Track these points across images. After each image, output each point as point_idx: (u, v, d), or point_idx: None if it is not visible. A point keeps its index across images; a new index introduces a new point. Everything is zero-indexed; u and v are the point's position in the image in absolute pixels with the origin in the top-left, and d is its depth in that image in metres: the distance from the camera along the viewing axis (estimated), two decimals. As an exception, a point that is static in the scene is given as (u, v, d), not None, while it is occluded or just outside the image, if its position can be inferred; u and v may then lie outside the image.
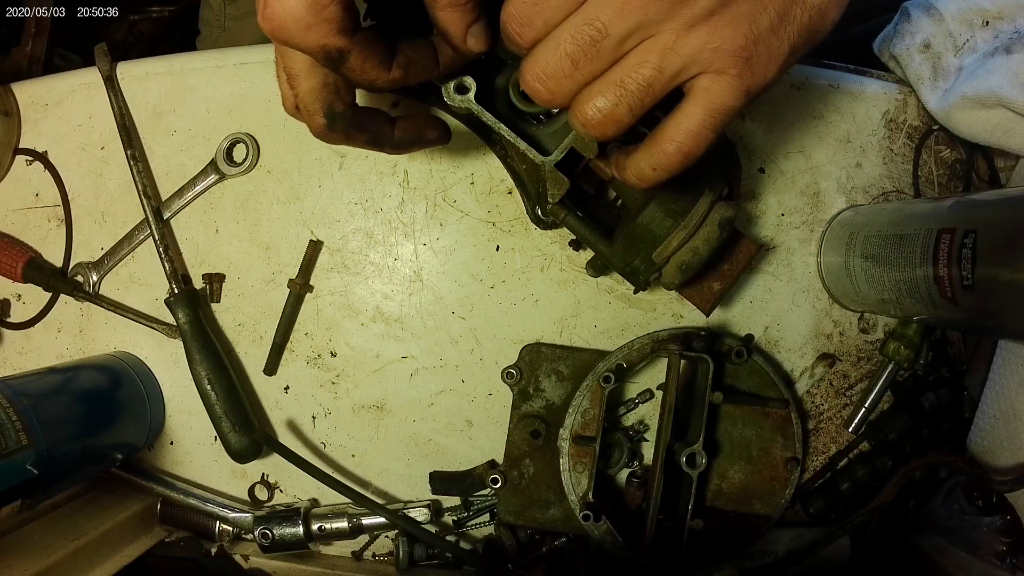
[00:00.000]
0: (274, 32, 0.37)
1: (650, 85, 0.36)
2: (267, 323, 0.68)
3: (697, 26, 0.35)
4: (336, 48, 0.37)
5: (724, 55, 0.35)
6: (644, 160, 0.40)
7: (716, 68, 0.36)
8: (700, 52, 0.35)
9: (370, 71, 0.39)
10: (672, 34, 0.35)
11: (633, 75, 0.36)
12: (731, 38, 0.35)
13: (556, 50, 0.35)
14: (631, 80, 0.36)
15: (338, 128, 0.44)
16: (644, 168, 0.40)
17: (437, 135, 0.49)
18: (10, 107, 0.72)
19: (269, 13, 0.36)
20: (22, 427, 0.54)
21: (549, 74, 0.36)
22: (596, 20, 0.34)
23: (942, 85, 0.61)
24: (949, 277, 0.47)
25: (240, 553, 0.68)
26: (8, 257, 0.70)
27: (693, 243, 0.49)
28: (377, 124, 0.46)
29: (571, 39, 0.35)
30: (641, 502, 0.63)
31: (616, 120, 0.37)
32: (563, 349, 0.64)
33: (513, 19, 0.36)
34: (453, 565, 0.67)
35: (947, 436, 0.62)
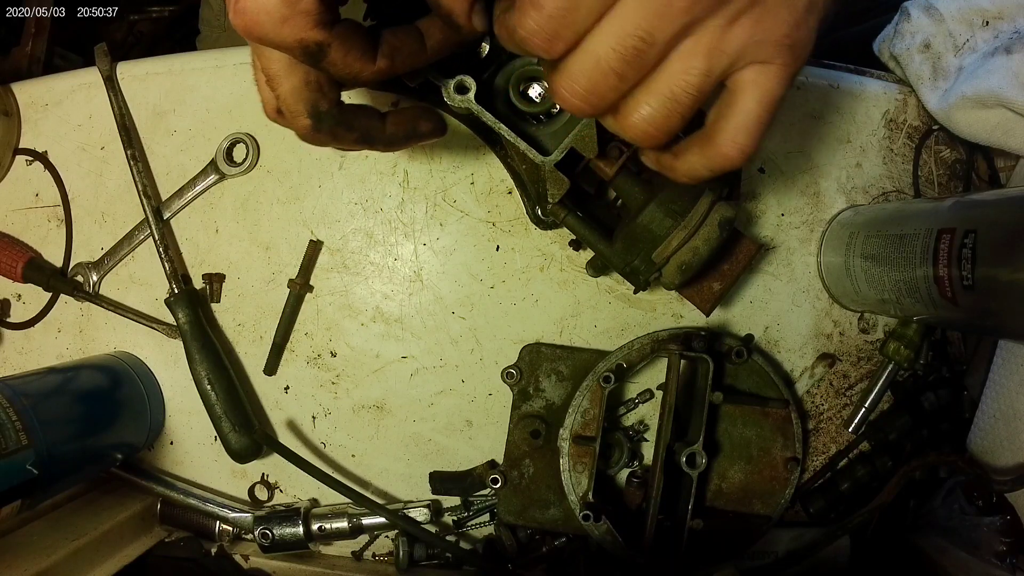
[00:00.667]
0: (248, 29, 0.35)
1: (700, 90, 0.34)
2: (267, 323, 0.68)
3: (740, 19, 0.33)
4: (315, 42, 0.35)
5: (770, 46, 0.34)
6: (699, 161, 0.38)
7: (762, 59, 0.34)
8: (746, 46, 0.33)
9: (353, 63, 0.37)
10: (716, 31, 0.33)
11: (682, 83, 0.33)
12: (774, 27, 0.33)
13: (598, 65, 0.32)
14: (680, 90, 0.33)
15: (325, 128, 0.41)
16: (699, 169, 0.38)
17: (431, 127, 0.46)
18: (10, 107, 0.72)
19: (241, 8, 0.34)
20: (22, 427, 0.54)
21: (591, 90, 0.33)
22: (639, 29, 0.31)
23: (942, 85, 0.61)
24: (949, 277, 0.47)
25: (240, 553, 0.68)
26: (8, 257, 0.70)
27: (693, 243, 0.49)
28: (366, 120, 0.43)
29: (614, 52, 0.32)
30: (641, 502, 0.63)
31: (668, 130, 0.35)
32: (563, 349, 0.64)
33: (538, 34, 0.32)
34: (453, 565, 0.67)
35: (947, 436, 0.62)
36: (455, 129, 0.65)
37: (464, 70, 0.45)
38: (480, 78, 0.50)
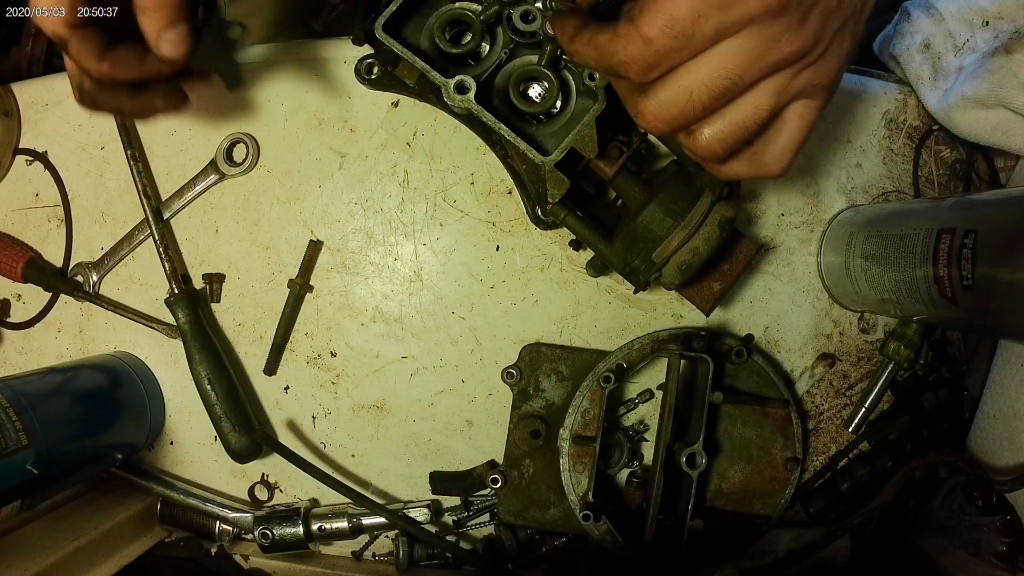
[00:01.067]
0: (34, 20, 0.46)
1: (764, 122, 0.39)
2: (267, 323, 0.68)
3: (807, 68, 0.38)
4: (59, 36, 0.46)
5: (820, 88, 0.39)
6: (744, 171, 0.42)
7: (809, 95, 0.39)
8: (805, 88, 0.38)
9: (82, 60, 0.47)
10: (788, 78, 0.37)
11: (753, 116, 0.38)
12: (828, 73, 0.38)
13: (689, 98, 0.37)
14: (751, 121, 0.38)
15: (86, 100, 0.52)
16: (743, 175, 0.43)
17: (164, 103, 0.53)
18: (10, 107, 0.72)
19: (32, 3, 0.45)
20: (22, 427, 0.54)
21: (676, 116, 0.38)
22: (733, 73, 0.36)
23: (942, 85, 0.61)
24: (949, 277, 0.47)
25: (240, 553, 0.68)
26: (8, 257, 0.70)
27: (693, 243, 0.49)
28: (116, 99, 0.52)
29: (707, 89, 0.36)
30: (641, 502, 0.63)
31: (731, 149, 0.40)
32: (563, 349, 0.64)
33: (639, 62, 0.36)
34: (453, 565, 0.67)
35: (947, 436, 0.62)
36: (455, 129, 0.65)
37: (464, 70, 0.45)
38: (480, 78, 0.50)
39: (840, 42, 0.38)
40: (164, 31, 0.45)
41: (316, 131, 0.67)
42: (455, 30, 0.53)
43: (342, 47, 0.66)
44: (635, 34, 0.35)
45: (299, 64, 0.67)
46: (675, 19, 0.34)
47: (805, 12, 0.35)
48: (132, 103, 0.53)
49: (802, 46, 0.36)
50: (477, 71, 0.53)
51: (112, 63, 0.48)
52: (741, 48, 0.35)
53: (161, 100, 0.54)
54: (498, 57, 0.53)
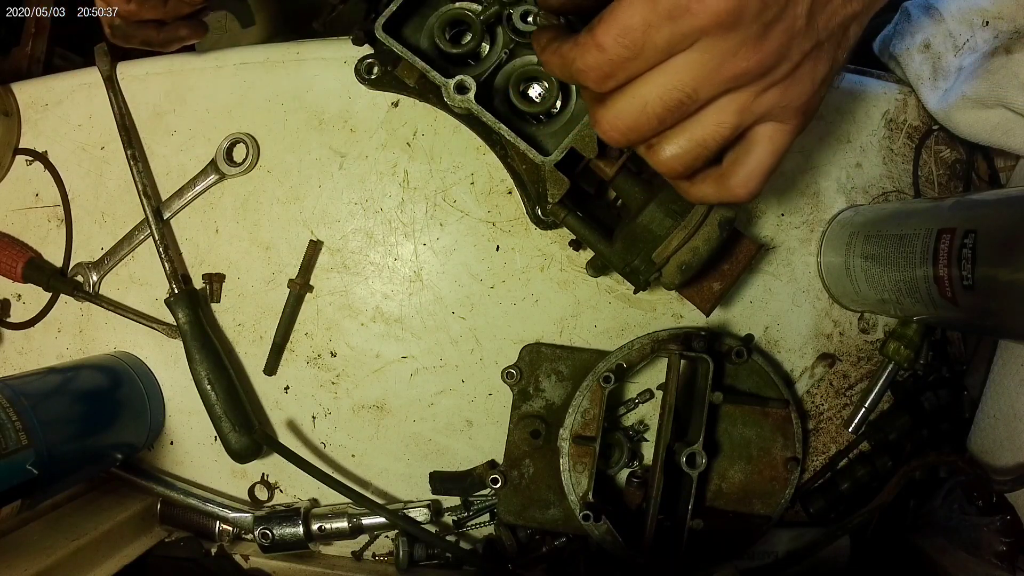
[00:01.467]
0: None
1: (726, 140, 0.39)
2: (267, 323, 0.68)
3: (772, 88, 0.37)
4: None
5: (790, 110, 0.38)
6: (712, 192, 0.43)
7: (780, 119, 0.39)
8: (772, 109, 0.38)
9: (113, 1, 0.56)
10: (751, 95, 0.37)
11: (712, 133, 0.38)
12: (798, 95, 0.38)
13: (644, 109, 0.37)
14: (711, 138, 0.38)
15: (117, 35, 0.60)
16: (710, 198, 0.43)
17: (188, 31, 0.62)
18: (10, 107, 0.72)
19: None
20: (22, 427, 0.54)
21: (631, 127, 0.38)
22: (686, 86, 0.36)
23: (942, 85, 0.61)
24: (949, 277, 0.47)
25: (240, 553, 0.68)
26: (8, 257, 0.70)
27: (693, 243, 0.49)
28: (144, 32, 0.60)
29: (660, 101, 0.36)
30: (641, 502, 0.63)
31: (692, 168, 0.40)
32: (563, 349, 0.64)
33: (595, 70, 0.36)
34: (453, 565, 0.67)
35: (947, 436, 0.62)
36: (455, 129, 0.65)
37: (464, 70, 0.45)
38: (480, 78, 0.50)
39: (813, 64, 0.37)
40: None
41: (316, 131, 0.67)
42: (455, 30, 0.53)
43: (342, 47, 0.66)
44: (591, 43, 0.36)
45: (299, 64, 0.67)
46: (627, 28, 0.34)
47: (764, 28, 0.34)
48: (159, 35, 0.61)
49: (760, 62, 0.35)
50: (477, 71, 0.53)
51: (139, 4, 0.56)
52: (694, 61, 0.35)
53: (185, 29, 0.61)
54: (498, 57, 0.53)
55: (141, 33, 0.60)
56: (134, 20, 0.59)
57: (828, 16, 0.36)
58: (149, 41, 0.61)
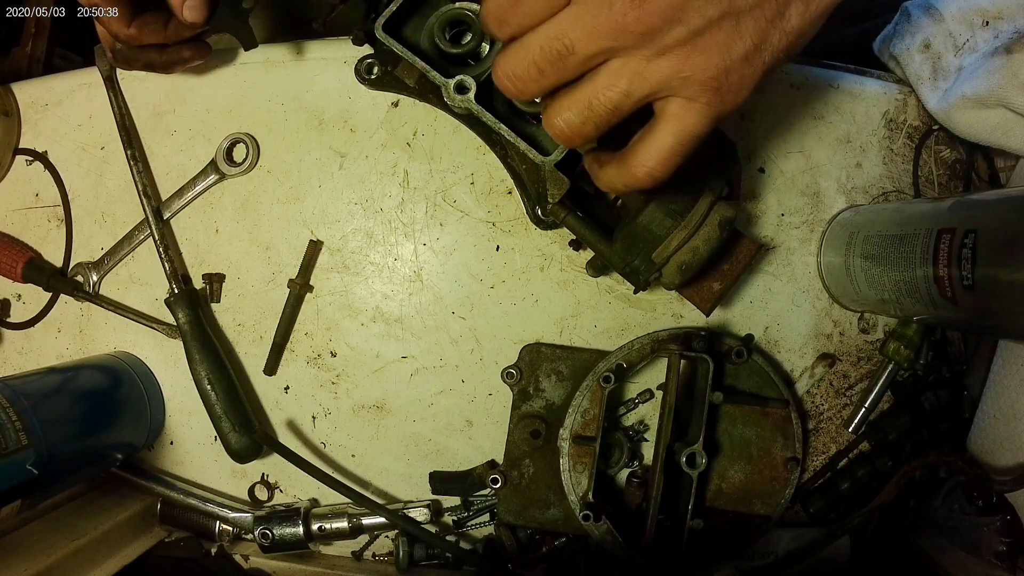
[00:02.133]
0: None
1: (617, 107, 0.37)
2: (267, 323, 0.68)
3: (668, 54, 0.35)
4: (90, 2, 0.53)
5: (694, 84, 0.36)
6: (616, 176, 0.42)
7: (686, 95, 0.37)
8: (670, 79, 0.36)
9: (113, 24, 0.55)
10: (642, 60, 0.36)
11: (600, 97, 0.37)
12: (702, 68, 0.35)
13: (526, 56, 0.37)
14: (598, 103, 0.37)
15: (119, 59, 0.60)
16: (615, 182, 0.42)
17: (191, 53, 0.61)
18: (10, 107, 0.72)
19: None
20: (22, 427, 0.54)
21: (517, 75, 0.38)
22: (564, 37, 0.36)
23: (942, 85, 0.61)
24: (949, 277, 0.47)
25: (240, 553, 0.68)
26: (8, 257, 0.70)
27: (693, 243, 0.49)
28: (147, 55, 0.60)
29: (539, 50, 0.37)
30: (641, 502, 0.63)
31: (583, 135, 0.39)
32: (563, 349, 0.64)
33: (491, 15, 0.38)
34: (453, 565, 0.67)
35: (947, 436, 0.62)
36: (455, 129, 0.65)
37: (464, 70, 0.45)
38: (480, 78, 0.50)
39: (727, 36, 0.35)
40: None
41: (316, 131, 0.67)
42: (455, 30, 0.53)
43: (342, 47, 0.66)
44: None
45: (299, 64, 0.67)
46: None
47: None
48: (161, 57, 0.60)
49: (641, 19, 0.34)
50: (477, 71, 0.53)
51: (139, 28, 0.56)
52: (572, 12, 0.35)
53: (188, 51, 0.61)
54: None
55: (144, 56, 0.60)
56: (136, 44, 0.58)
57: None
58: (152, 64, 0.60)
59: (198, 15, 0.54)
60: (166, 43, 0.59)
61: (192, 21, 0.54)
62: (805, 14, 0.36)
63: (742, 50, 0.35)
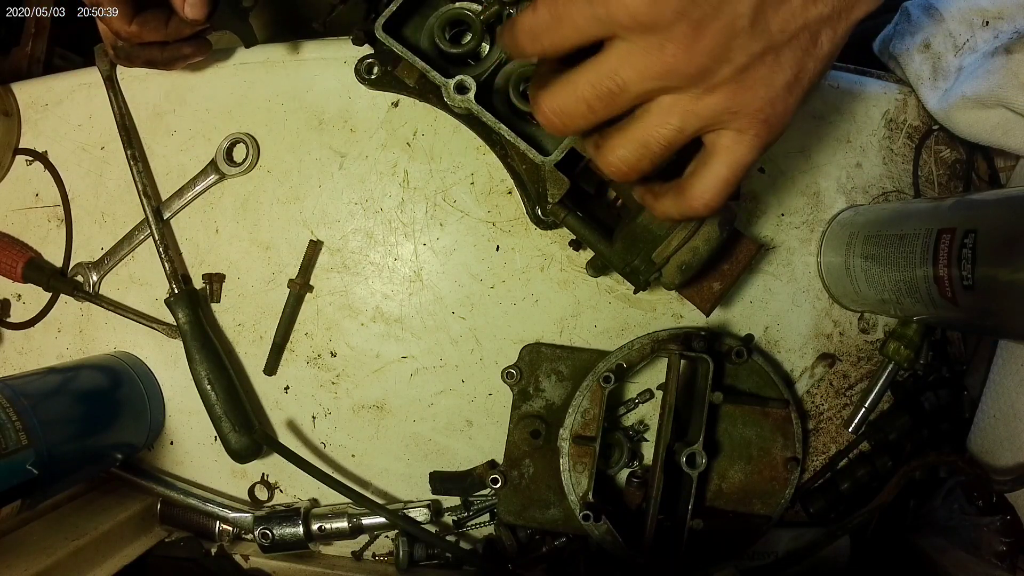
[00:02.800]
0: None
1: (671, 144, 0.38)
2: (267, 323, 0.68)
3: (716, 91, 0.36)
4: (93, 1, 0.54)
5: (744, 117, 0.37)
6: (672, 208, 0.43)
7: (736, 127, 0.38)
8: (720, 114, 0.37)
9: (114, 23, 0.56)
10: (693, 96, 0.36)
11: (655, 135, 0.38)
12: (750, 101, 0.37)
13: (574, 92, 0.37)
14: (654, 140, 0.38)
15: (120, 57, 0.61)
16: (671, 212, 0.43)
17: (192, 49, 0.62)
18: (10, 107, 0.72)
19: None
20: (22, 427, 0.54)
21: (564, 111, 0.38)
22: (616, 75, 0.36)
23: (942, 85, 0.61)
24: (949, 277, 0.47)
25: (240, 553, 0.68)
26: (8, 257, 0.70)
27: (693, 243, 0.49)
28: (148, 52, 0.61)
29: (590, 87, 0.37)
30: (641, 502, 0.63)
31: (639, 171, 0.40)
32: (563, 349, 0.64)
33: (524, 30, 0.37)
34: (453, 565, 0.67)
35: (947, 436, 0.62)
36: (455, 129, 0.65)
37: (464, 70, 0.45)
38: (480, 78, 0.50)
39: (770, 70, 0.36)
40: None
41: (316, 131, 0.67)
42: (455, 30, 0.53)
43: (342, 47, 0.66)
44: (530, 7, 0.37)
45: (299, 64, 0.67)
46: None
47: (695, 25, 0.34)
48: (162, 54, 0.61)
49: (692, 61, 0.35)
50: (477, 71, 0.53)
51: (141, 26, 0.56)
52: (623, 51, 0.35)
53: (189, 48, 0.62)
54: (498, 57, 0.53)
55: (145, 53, 0.61)
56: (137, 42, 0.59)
57: (784, 19, 0.35)
58: (153, 61, 0.61)
59: (199, 12, 0.54)
60: (167, 40, 0.59)
61: (193, 18, 0.54)
62: (834, 39, 0.37)
63: (784, 81, 0.37)
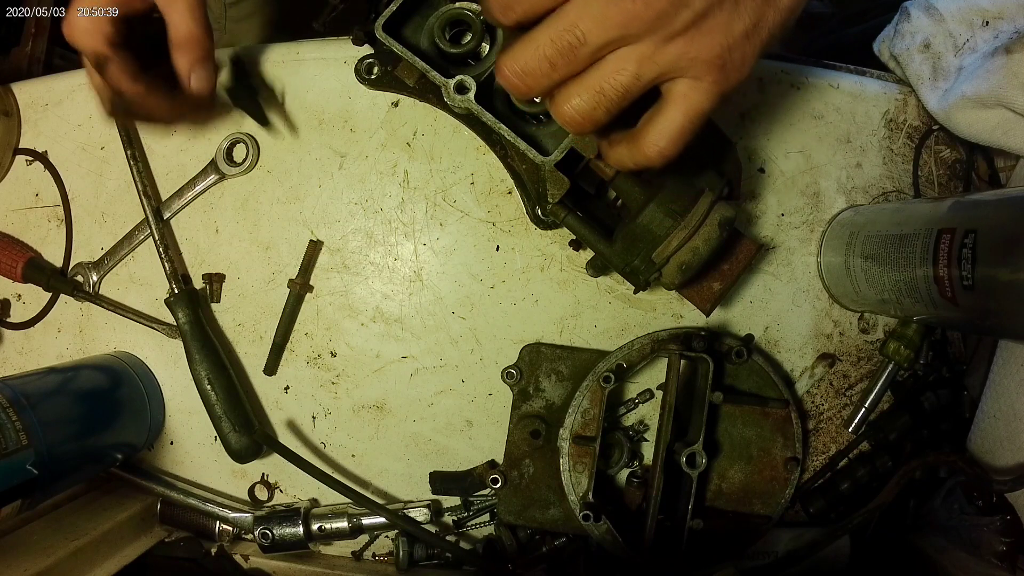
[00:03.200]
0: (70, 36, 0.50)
1: (627, 90, 0.38)
2: (267, 323, 0.68)
3: (675, 38, 0.36)
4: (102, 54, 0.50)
5: (701, 64, 0.37)
6: (627, 155, 0.43)
7: (693, 75, 0.38)
8: (678, 61, 0.37)
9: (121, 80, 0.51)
10: (651, 45, 0.36)
11: (611, 81, 0.37)
12: (708, 48, 0.37)
13: (535, 50, 0.37)
14: (609, 86, 0.38)
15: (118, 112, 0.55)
16: (626, 160, 0.43)
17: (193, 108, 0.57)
18: (10, 107, 0.72)
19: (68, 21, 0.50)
20: (22, 427, 0.54)
21: (527, 71, 0.38)
22: (576, 28, 0.36)
23: (942, 85, 0.61)
24: (949, 277, 0.47)
25: (240, 553, 0.68)
26: (8, 257, 0.70)
27: (693, 243, 0.49)
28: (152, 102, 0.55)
29: (550, 42, 0.37)
30: (641, 502, 0.63)
31: (594, 120, 0.39)
32: (563, 349, 0.64)
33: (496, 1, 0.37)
34: (453, 565, 0.67)
35: (947, 436, 0.62)
36: (455, 129, 0.65)
37: (464, 70, 0.45)
38: (480, 78, 0.50)
39: (728, 17, 0.36)
40: (195, 67, 0.52)
41: (316, 131, 0.67)
42: (455, 30, 0.53)
43: (342, 47, 0.66)
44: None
45: (299, 64, 0.67)
46: None
47: None
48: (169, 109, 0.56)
49: (650, 5, 0.35)
50: (477, 71, 0.53)
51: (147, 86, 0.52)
52: (580, 2, 0.35)
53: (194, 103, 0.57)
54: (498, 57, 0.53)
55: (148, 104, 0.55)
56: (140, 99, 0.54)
57: None
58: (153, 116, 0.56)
59: (205, 85, 0.52)
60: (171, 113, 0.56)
61: (199, 92, 0.52)
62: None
63: (742, 28, 0.37)
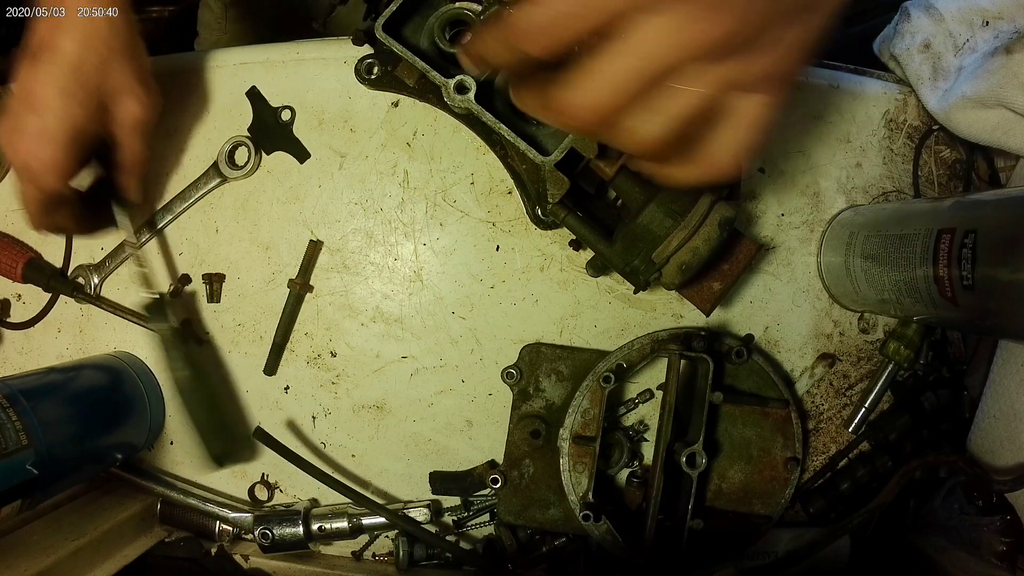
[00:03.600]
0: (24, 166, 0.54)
1: (699, 112, 0.36)
2: (267, 323, 0.68)
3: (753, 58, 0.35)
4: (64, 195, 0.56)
5: (771, 81, 0.36)
6: (694, 174, 0.41)
7: (761, 91, 0.37)
8: (742, 78, 0.36)
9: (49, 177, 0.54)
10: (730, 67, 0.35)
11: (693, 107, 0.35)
12: (767, 64, 0.36)
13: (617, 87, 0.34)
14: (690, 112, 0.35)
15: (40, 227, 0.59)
16: (695, 178, 0.41)
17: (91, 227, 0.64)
18: (10, 107, 0.72)
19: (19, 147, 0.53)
20: (22, 427, 0.54)
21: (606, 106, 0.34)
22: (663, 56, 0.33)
23: (942, 85, 0.61)
24: (949, 277, 0.47)
25: (240, 553, 0.68)
26: (8, 257, 0.70)
27: (693, 243, 0.49)
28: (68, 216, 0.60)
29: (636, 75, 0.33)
30: (641, 502, 0.63)
31: (668, 144, 0.37)
32: (563, 349, 0.64)
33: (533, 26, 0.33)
34: (453, 565, 0.67)
35: (947, 436, 0.62)
36: (455, 129, 0.65)
37: (464, 70, 0.45)
38: (480, 78, 0.50)
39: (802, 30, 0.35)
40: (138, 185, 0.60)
41: (316, 131, 0.67)
42: (455, 30, 0.53)
43: (342, 47, 0.66)
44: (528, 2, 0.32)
45: (299, 64, 0.67)
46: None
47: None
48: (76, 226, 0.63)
49: (728, 30, 0.32)
50: (477, 71, 0.53)
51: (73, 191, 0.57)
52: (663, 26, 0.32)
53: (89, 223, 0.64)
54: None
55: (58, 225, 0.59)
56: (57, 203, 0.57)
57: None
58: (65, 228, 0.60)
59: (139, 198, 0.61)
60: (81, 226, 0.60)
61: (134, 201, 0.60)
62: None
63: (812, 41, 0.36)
